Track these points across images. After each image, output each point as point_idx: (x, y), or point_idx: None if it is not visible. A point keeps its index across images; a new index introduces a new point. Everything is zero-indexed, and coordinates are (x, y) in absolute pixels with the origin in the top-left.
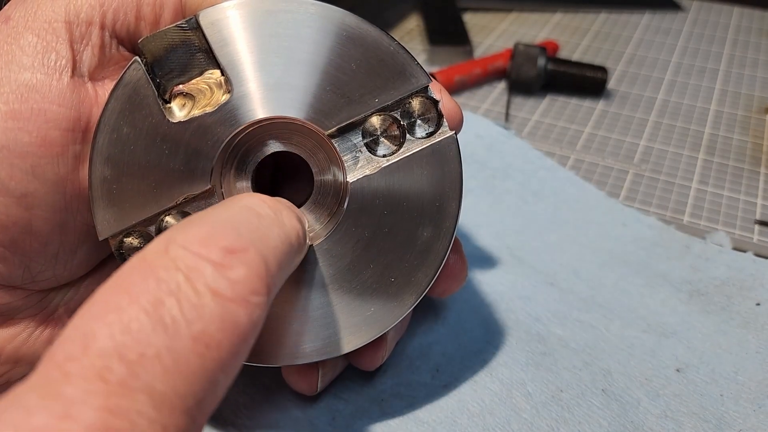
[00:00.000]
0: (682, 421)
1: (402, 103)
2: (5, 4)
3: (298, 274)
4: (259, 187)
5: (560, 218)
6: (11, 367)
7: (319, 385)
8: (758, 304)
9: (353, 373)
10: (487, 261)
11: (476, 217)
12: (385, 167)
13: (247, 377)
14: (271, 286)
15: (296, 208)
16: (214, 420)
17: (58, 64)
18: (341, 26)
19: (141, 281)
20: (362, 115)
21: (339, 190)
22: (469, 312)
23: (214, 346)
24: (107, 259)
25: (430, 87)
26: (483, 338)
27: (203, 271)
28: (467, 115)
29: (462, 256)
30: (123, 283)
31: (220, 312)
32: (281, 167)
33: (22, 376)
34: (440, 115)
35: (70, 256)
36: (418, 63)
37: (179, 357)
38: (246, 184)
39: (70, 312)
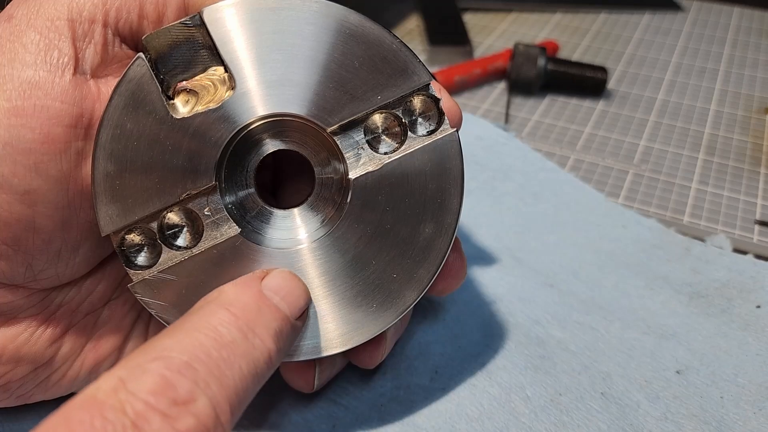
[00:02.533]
0: (682, 424)
1: (404, 101)
2: (8, 3)
3: (300, 271)
4: (260, 185)
5: (560, 220)
6: (12, 367)
7: (316, 383)
8: (758, 307)
9: (352, 373)
10: (486, 262)
11: (476, 219)
12: (386, 164)
13: None
14: (222, 431)
15: (294, 289)
16: None
17: (60, 61)
18: (343, 24)
19: (87, 419)
20: (364, 113)
21: (341, 187)
22: (468, 314)
23: None
24: (108, 258)
25: (431, 85)
26: (482, 341)
27: (150, 420)
28: (467, 117)
29: (461, 255)
30: (70, 419)
31: None
32: (283, 163)
33: (22, 376)
34: (441, 113)
35: (72, 254)
36: (420, 60)
37: None
38: (248, 181)
39: (71, 312)
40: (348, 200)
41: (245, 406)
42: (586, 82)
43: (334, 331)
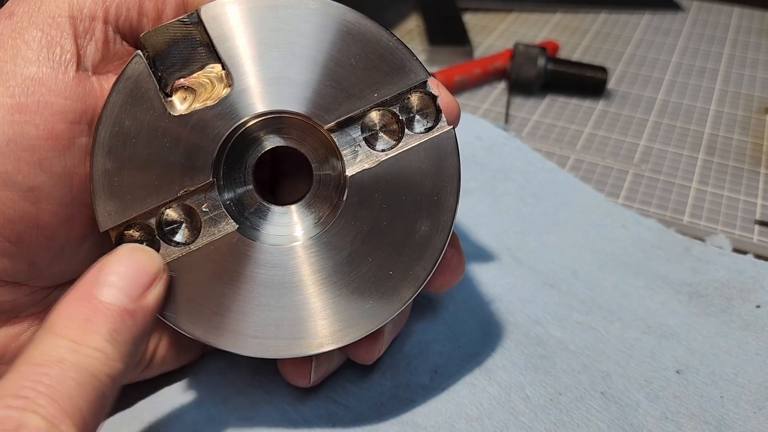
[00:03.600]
0: (682, 423)
1: (401, 98)
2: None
3: (295, 267)
4: (258, 182)
5: (560, 220)
6: None
7: (312, 377)
8: (758, 307)
9: (352, 372)
10: (486, 262)
11: (476, 219)
12: (383, 161)
13: (246, 379)
14: None
15: (129, 273)
16: (213, 421)
17: (62, 58)
18: (341, 21)
19: None
20: (361, 110)
21: (338, 184)
22: (468, 313)
23: None
24: None
25: (428, 82)
26: (481, 341)
27: None
28: (467, 117)
29: (459, 250)
30: None
31: None
32: (281, 160)
33: None
34: (438, 110)
35: (75, 251)
36: (417, 58)
37: None
38: (246, 178)
39: None
40: (345, 197)
41: (101, 411)
42: (586, 82)
43: (329, 327)
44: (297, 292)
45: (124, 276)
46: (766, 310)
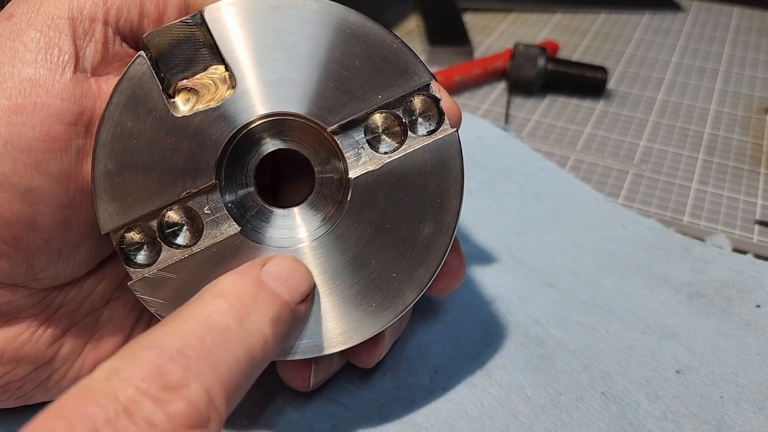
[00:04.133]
0: (682, 423)
1: (404, 101)
2: (8, 2)
3: None
4: (260, 183)
5: (560, 220)
6: (13, 367)
7: (312, 382)
8: (758, 306)
9: (353, 372)
10: (486, 262)
11: (476, 219)
12: (386, 164)
13: None
14: (217, 414)
15: (295, 274)
16: None
17: (60, 59)
18: (344, 23)
19: (80, 407)
20: (364, 112)
21: (341, 186)
22: (468, 314)
23: None
24: (109, 258)
25: (431, 85)
26: (482, 341)
27: (142, 404)
28: (467, 117)
29: (460, 254)
30: (63, 409)
31: None
32: (282, 164)
33: (23, 377)
34: (441, 113)
35: (72, 253)
36: (420, 60)
37: None
38: (248, 180)
39: (72, 312)
40: (348, 199)
41: (244, 391)
42: (586, 82)
43: (334, 330)
44: None
45: (289, 277)
46: (766, 310)
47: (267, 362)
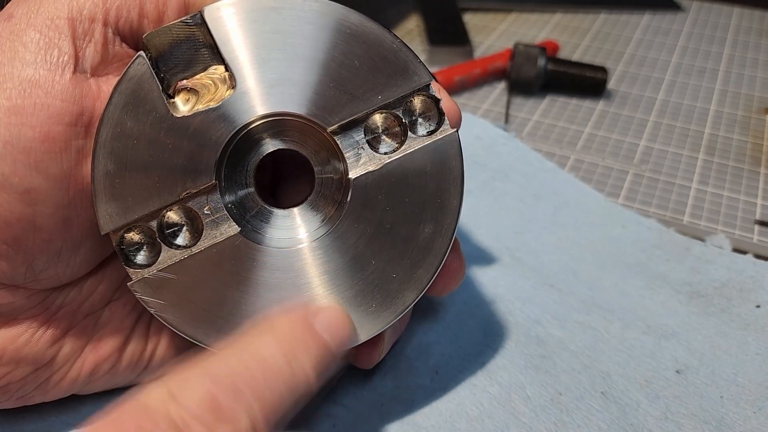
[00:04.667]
0: (682, 423)
1: (404, 101)
2: (7, 2)
3: (300, 270)
4: (260, 183)
5: (560, 220)
6: (13, 368)
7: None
8: (758, 306)
9: (353, 372)
10: (486, 262)
11: (476, 219)
12: (386, 164)
13: None
14: None
15: (342, 324)
16: None
17: (60, 60)
18: (344, 23)
19: (139, 424)
20: (364, 112)
21: (341, 187)
22: (468, 314)
23: None
24: (109, 259)
25: (431, 85)
26: (482, 341)
27: (194, 428)
28: (467, 117)
29: (460, 255)
30: (121, 422)
31: None
32: (282, 164)
33: (22, 378)
34: (441, 113)
35: (73, 254)
36: (420, 61)
37: None
38: (247, 180)
39: (72, 312)
40: (348, 200)
41: (282, 425)
42: (586, 82)
43: None
44: (303, 295)
45: (335, 325)
46: (766, 310)
47: (306, 401)
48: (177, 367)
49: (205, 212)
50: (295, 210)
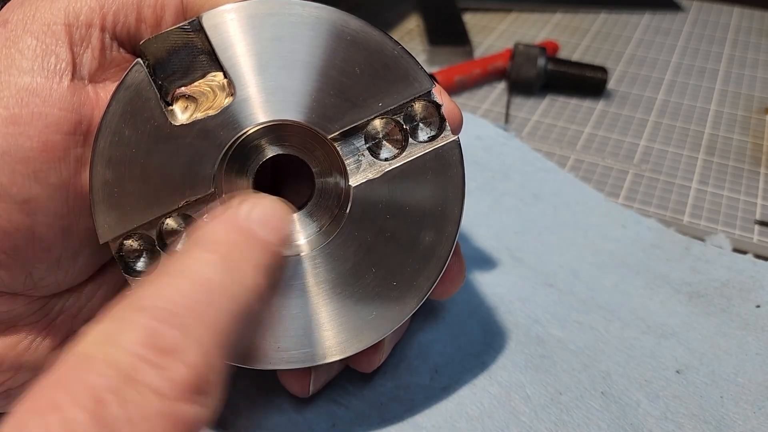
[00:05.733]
0: (681, 423)
1: (405, 107)
2: (2, 7)
3: (299, 278)
4: (259, 189)
5: (560, 220)
6: (13, 374)
7: (311, 388)
8: (758, 306)
9: (353, 372)
10: (486, 262)
11: (475, 219)
12: (387, 171)
13: (247, 380)
14: (217, 375)
15: (278, 215)
16: (214, 422)
17: (57, 67)
18: (344, 29)
19: (82, 377)
20: (365, 119)
21: (341, 194)
22: (468, 314)
23: None
24: (108, 264)
25: (432, 91)
26: (482, 340)
27: (143, 371)
28: (467, 117)
29: (460, 259)
30: (63, 379)
31: (164, 411)
32: (282, 170)
33: (23, 384)
34: (442, 119)
35: (72, 261)
36: (421, 67)
37: None
38: (247, 188)
39: (71, 318)
40: (348, 207)
41: (241, 345)
42: (586, 82)
43: (333, 338)
44: (301, 303)
45: (271, 219)
46: (766, 310)
47: (263, 311)
48: (109, 308)
49: (205, 220)
50: (294, 217)
